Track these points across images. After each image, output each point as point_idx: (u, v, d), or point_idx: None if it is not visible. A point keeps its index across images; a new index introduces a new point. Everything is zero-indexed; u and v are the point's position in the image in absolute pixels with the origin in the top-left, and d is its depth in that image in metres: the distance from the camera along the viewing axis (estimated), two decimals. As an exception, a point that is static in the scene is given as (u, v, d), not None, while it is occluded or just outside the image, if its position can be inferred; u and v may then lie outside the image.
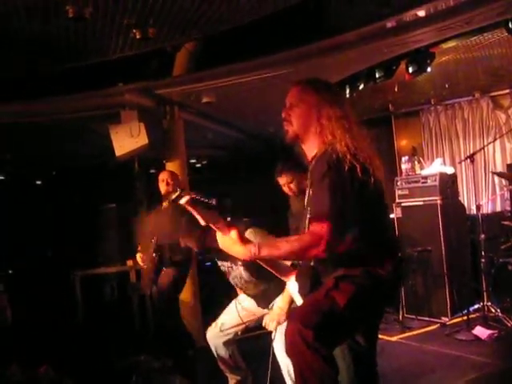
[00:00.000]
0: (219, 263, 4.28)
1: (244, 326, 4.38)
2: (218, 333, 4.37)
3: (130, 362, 5.20)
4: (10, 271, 8.77)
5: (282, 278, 3.02)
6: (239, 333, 4.42)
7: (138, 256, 5.68)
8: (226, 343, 4.39)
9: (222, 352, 4.40)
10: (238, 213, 4.04)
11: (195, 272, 6.87)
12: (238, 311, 4.33)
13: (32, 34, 5.04)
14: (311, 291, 2.76)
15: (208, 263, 7.41)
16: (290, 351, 2.60)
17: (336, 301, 2.59)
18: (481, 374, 4.79)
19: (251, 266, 3.96)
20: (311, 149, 2.91)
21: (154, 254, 5.57)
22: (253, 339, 5.05)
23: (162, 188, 5.77)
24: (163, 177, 5.80)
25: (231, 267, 4.18)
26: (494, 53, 6.53)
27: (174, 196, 5.45)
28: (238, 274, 4.13)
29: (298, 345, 2.52)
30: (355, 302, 2.62)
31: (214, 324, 4.44)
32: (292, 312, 2.81)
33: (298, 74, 6.14)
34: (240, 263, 4.02)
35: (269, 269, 2.95)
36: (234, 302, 4.45)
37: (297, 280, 2.94)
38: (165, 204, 5.45)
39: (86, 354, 5.85)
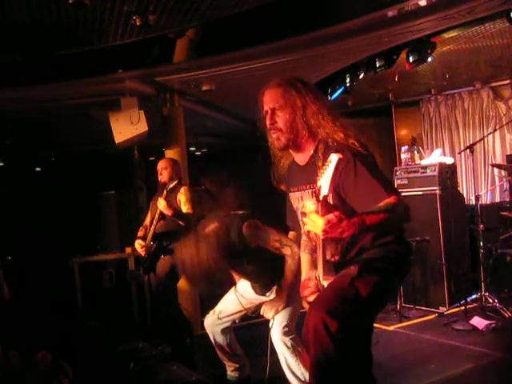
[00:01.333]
0: None
1: (242, 313, 4.38)
2: (216, 320, 4.38)
3: (128, 348, 5.21)
4: (9, 257, 8.77)
5: (324, 279, 2.74)
6: (237, 320, 4.42)
7: (137, 243, 5.69)
8: (224, 331, 4.40)
9: (220, 339, 4.41)
10: (233, 206, 4.07)
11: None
12: (238, 298, 4.34)
13: (32, 19, 5.02)
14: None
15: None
16: (311, 339, 2.55)
17: (359, 291, 2.58)
18: (478, 364, 4.81)
19: (252, 253, 3.97)
20: (304, 151, 2.87)
21: (151, 242, 5.59)
22: (251, 327, 5.07)
23: (159, 177, 5.78)
24: (158, 166, 5.80)
25: None
26: (495, 43, 6.51)
27: (171, 185, 5.41)
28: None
29: (320, 333, 2.48)
30: (377, 292, 2.64)
31: (211, 311, 4.44)
32: (316, 299, 2.73)
33: (297, 62, 6.15)
34: None
35: (322, 265, 2.71)
36: (232, 289, 4.45)
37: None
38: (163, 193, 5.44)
39: (84, 340, 5.86)
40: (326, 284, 2.70)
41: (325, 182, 2.39)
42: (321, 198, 2.42)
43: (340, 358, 2.51)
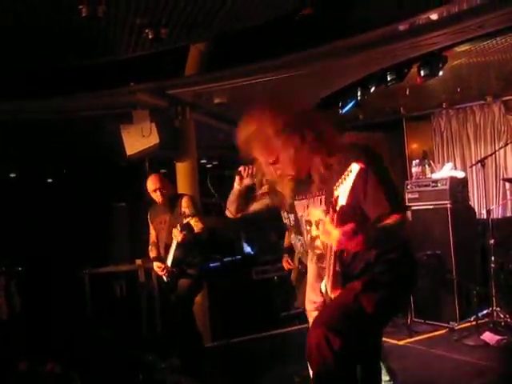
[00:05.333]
0: None
1: None
2: None
3: (137, 360, 5.21)
4: (20, 268, 8.79)
5: (331, 291, 2.69)
6: None
7: (156, 266, 5.62)
8: None
9: None
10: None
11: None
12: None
13: (45, 32, 5.07)
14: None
15: (214, 264, 7.39)
16: (313, 355, 2.52)
17: (364, 307, 2.55)
18: (489, 379, 4.77)
19: None
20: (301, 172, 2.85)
21: (173, 269, 5.48)
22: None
23: (157, 198, 5.60)
24: (155, 186, 5.59)
25: None
26: (506, 57, 6.49)
27: (185, 221, 5.21)
28: None
29: (323, 350, 2.46)
30: (382, 308, 2.62)
31: None
32: (318, 315, 2.70)
33: (309, 75, 6.17)
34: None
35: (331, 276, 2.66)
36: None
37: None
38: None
39: (94, 351, 5.87)
40: (333, 297, 2.68)
41: (343, 191, 2.31)
42: (337, 208, 2.37)
43: (343, 376, 2.49)
